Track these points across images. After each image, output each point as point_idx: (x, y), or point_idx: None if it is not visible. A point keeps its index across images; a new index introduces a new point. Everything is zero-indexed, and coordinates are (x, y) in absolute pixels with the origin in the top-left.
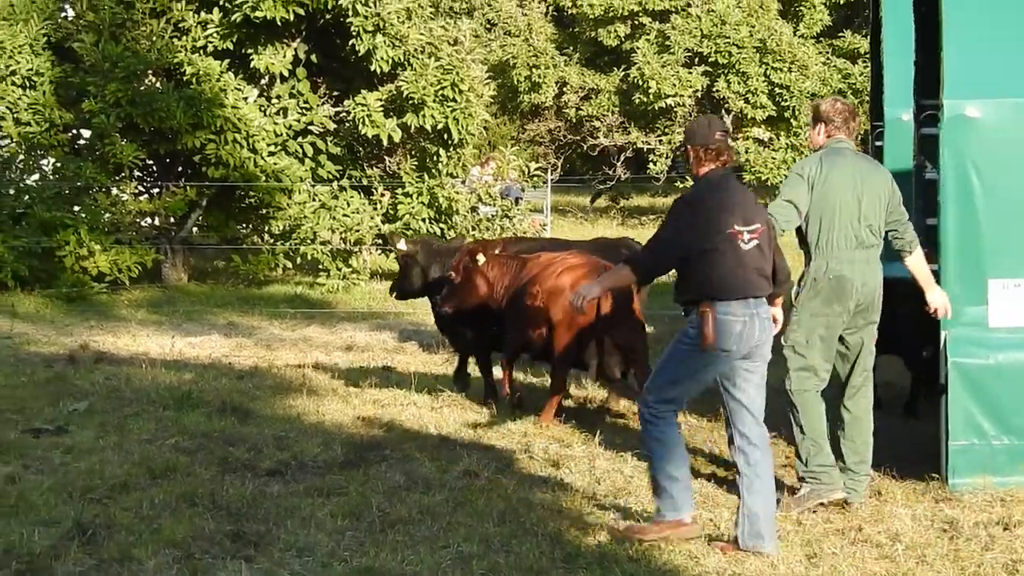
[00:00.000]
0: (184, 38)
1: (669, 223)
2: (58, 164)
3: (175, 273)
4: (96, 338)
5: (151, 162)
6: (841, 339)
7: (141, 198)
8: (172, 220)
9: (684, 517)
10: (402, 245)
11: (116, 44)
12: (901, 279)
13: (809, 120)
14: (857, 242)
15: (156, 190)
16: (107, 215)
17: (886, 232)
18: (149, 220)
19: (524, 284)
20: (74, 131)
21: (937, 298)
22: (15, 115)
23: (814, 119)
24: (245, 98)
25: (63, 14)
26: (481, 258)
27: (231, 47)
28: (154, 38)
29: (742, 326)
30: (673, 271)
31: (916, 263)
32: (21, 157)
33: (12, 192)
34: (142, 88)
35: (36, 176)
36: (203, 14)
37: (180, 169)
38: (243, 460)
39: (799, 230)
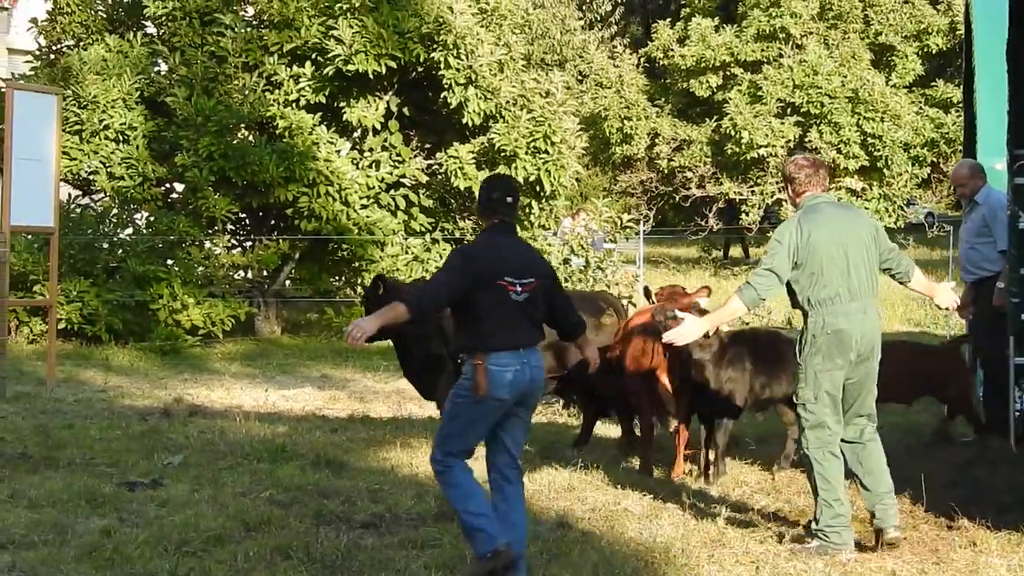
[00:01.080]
0: (276, 91)
1: (442, 269)
2: (151, 218)
3: (268, 326)
4: (190, 391)
5: (244, 215)
6: (843, 385)
7: (234, 251)
8: (265, 273)
9: (499, 545)
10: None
11: (209, 98)
12: None
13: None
14: (850, 295)
15: (249, 243)
16: (200, 268)
17: (886, 269)
18: (242, 273)
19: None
20: (167, 185)
21: (945, 297)
22: (109, 169)
23: (784, 180)
24: (338, 151)
25: (156, 69)
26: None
27: (323, 100)
28: (247, 92)
29: (513, 375)
30: None
31: (917, 283)
32: (115, 211)
33: (106, 246)
34: (235, 142)
35: (130, 230)
36: (295, 68)
37: (273, 222)
38: (337, 512)
39: (790, 291)
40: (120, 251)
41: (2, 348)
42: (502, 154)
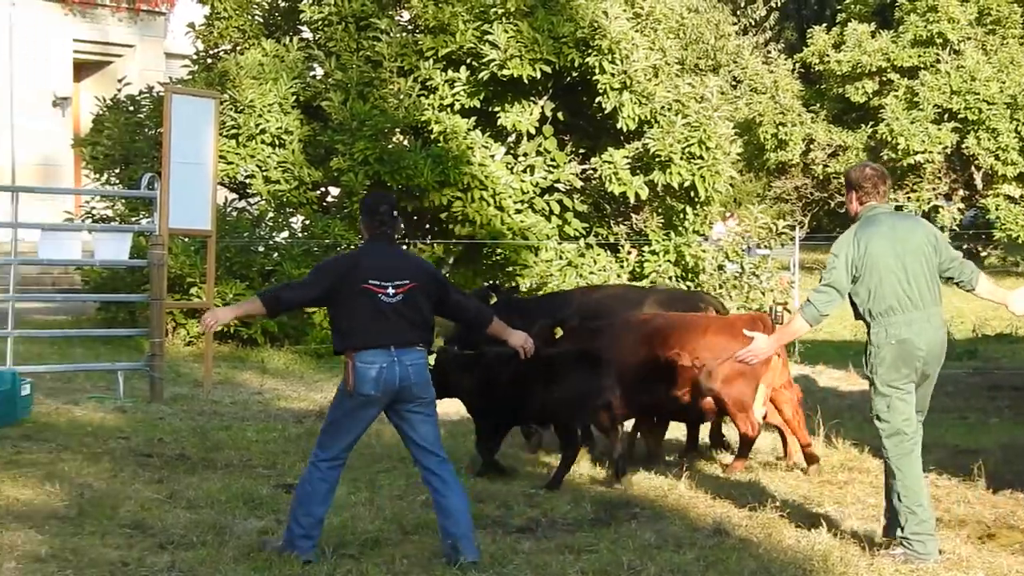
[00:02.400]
0: (431, 96)
1: (313, 270)
2: (307, 222)
3: None
4: None
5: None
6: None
7: None
8: None
9: (307, 556)
10: None
11: (364, 102)
12: None
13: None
14: (912, 304)
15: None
16: None
17: (948, 277)
18: None
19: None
20: (323, 189)
21: (1018, 303)
22: (265, 173)
23: (847, 187)
24: (492, 156)
25: (312, 73)
26: None
27: (478, 105)
28: (401, 96)
29: (378, 371)
30: None
31: (984, 289)
32: (271, 215)
33: (262, 249)
34: (390, 146)
35: (285, 234)
36: (450, 72)
37: (427, 226)
38: (493, 516)
39: (852, 304)
40: (276, 254)
41: (160, 350)
42: (656, 159)
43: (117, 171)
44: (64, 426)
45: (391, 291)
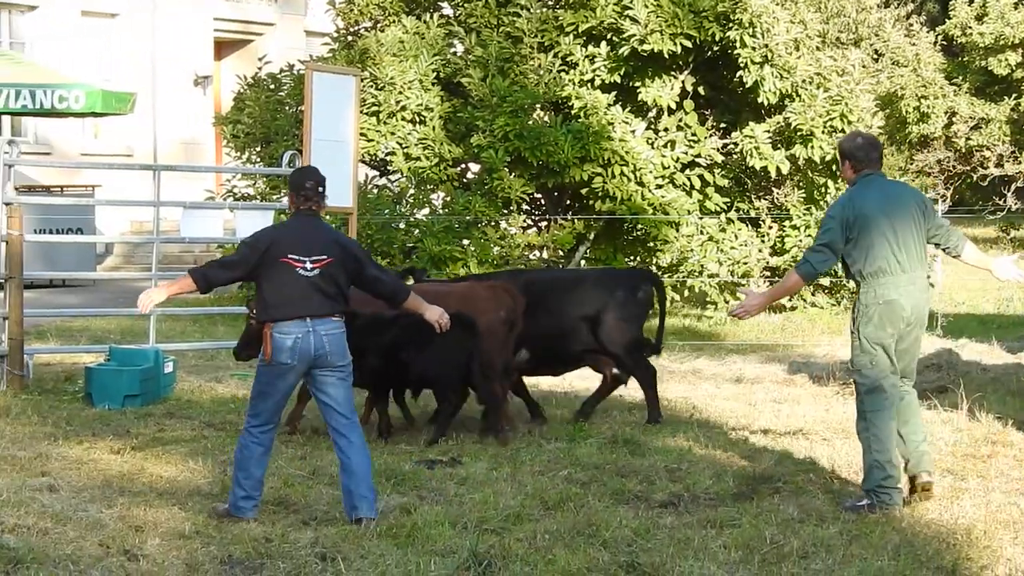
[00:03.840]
0: (572, 72)
1: (239, 248)
2: (448, 198)
3: None
4: None
5: (539, 195)
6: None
7: (529, 231)
8: (560, 253)
9: (248, 516)
10: None
11: (504, 79)
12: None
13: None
14: (900, 267)
15: (544, 223)
16: (496, 249)
17: (936, 243)
18: (538, 253)
19: None
20: (463, 166)
21: (1004, 269)
22: (405, 150)
23: (840, 156)
24: (632, 131)
25: (452, 50)
26: None
27: (618, 80)
28: (542, 72)
29: (293, 341)
30: None
31: (969, 256)
32: (411, 192)
33: (403, 226)
34: (530, 122)
35: (426, 210)
36: (590, 48)
37: (568, 202)
38: (635, 492)
39: (844, 264)
40: (417, 231)
41: None
42: (798, 133)
43: (258, 149)
44: (207, 403)
45: (309, 265)
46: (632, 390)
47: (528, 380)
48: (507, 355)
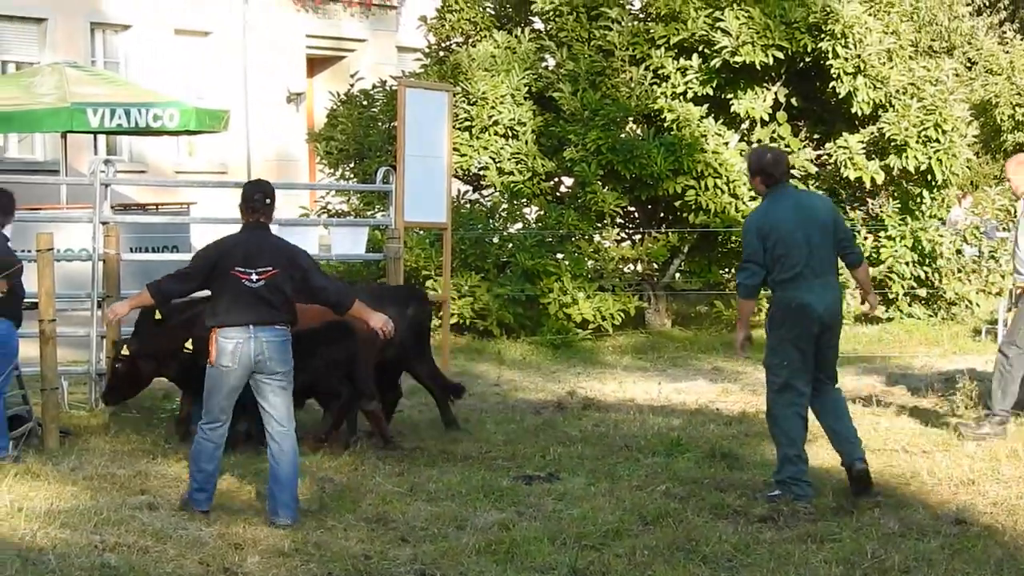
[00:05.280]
0: (663, 84)
1: (192, 260)
2: (541, 212)
3: (658, 319)
4: (583, 384)
5: (632, 209)
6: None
7: (623, 245)
8: (654, 266)
9: (203, 508)
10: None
11: (596, 92)
12: None
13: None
14: (813, 273)
15: (638, 236)
16: (590, 262)
17: (840, 253)
18: (631, 267)
19: None
20: (556, 179)
21: (871, 301)
22: (498, 165)
23: (751, 172)
24: (725, 143)
25: (543, 64)
26: None
27: (710, 92)
28: (633, 85)
29: (234, 346)
30: None
31: (860, 274)
32: (504, 206)
33: (496, 241)
34: (622, 135)
35: (519, 225)
36: (682, 60)
37: (661, 215)
38: (735, 506)
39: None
40: (510, 245)
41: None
42: (892, 143)
43: (351, 165)
44: (303, 420)
45: (254, 277)
46: (730, 403)
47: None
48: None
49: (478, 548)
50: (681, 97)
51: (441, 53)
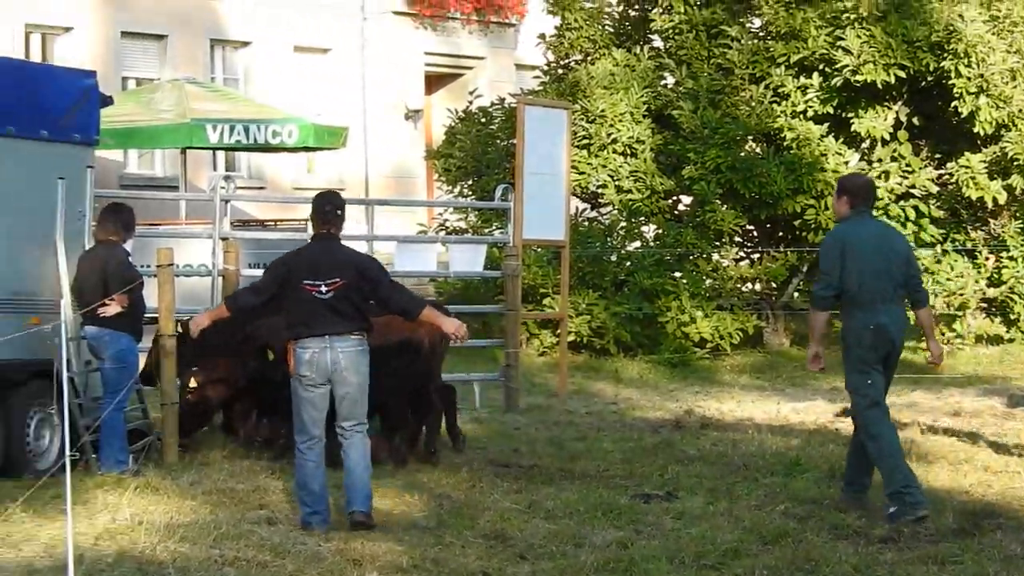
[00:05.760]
0: (783, 103)
1: (264, 274)
2: (659, 231)
3: (777, 338)
4: (700, 403)
5: (751, 228)
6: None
7: (741, 264)
8: (773, 285)
9: (315, 526)
10: None
11: (715, 111)
12: None
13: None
14: (884, 297)
15: (756, 256)
16: (708, 281)
17: (908, 289)
18: (750, 286)
19: None
20: (674, 198)
21: (935, 350)
22: (617, 183)
23: (840, 191)
24: (846, 162)
25: (663, 82)
26: None
27: (831, 111)
28: (753, 104)
29: (311, 355)
30: None
31: (923, 317)
32: (623, 224)
33: (614, 259)
34: (742, 154)
35: (637, 243)
36: (802, 79)
37: (780, 234)
38: (855, 527)
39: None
40: (628, 264)
41: (515, 360)
42: (1015, 163)
43: (469, 183)
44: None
45: (323, 288)
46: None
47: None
48: None
49: (596, 566)
50: (801, 116)
51: (560, 71)
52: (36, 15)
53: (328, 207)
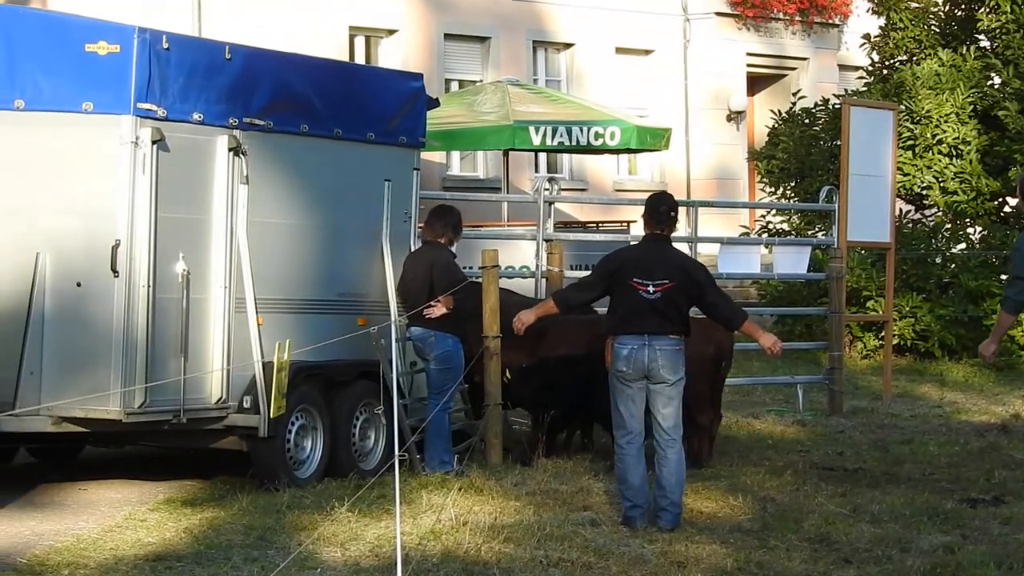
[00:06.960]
0: None
1: (594, 270)
2: (985, 233)
3: None
4: None
5: None
6: None
7: None
8: None
9: (636, 520)
10: None
11: None
12: None
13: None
14: None
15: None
16: None
17: None
18: None
19: None
20: (1000, 199)
21: None
22: (941, 184)
23: (1021, 191)
24: None
25: (989, 82)
26: None
27: None
28: None
29: (629, 351)
30: None
31: None
32: (947, 226)
33: (939, 261)
34: None
35: (962, 245)
36: None
37: None
38: None
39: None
40: (952, 266)
41: (838, 363)
42: None
43: (792, 184)
44: (744, 438)
45: (651, 288)
46: None
47: None
48: None
49: (923, 571)
50: None
51: (884, 71)
52: (360, 17)
53: (663, 208)
